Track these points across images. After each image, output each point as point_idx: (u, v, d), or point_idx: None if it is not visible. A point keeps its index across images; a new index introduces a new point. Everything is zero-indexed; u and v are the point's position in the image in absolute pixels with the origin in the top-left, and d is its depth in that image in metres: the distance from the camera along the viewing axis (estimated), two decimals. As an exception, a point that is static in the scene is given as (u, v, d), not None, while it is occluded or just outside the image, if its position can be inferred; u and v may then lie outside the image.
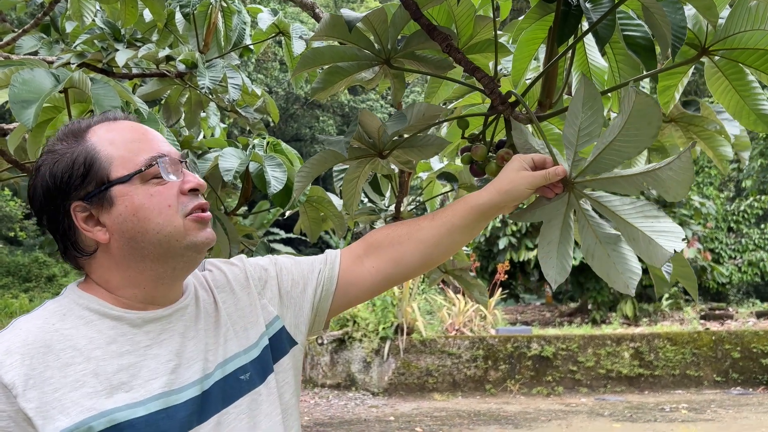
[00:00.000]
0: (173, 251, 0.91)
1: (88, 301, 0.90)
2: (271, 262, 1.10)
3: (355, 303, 1.14)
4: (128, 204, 0.89)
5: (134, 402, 0.85)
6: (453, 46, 1.02)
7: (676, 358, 8.36)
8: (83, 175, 0.89)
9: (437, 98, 1.31)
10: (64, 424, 0.80)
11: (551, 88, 1.00)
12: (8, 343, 0.84)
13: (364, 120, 1.12)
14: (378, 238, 1.12)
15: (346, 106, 18.91)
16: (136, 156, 0.91)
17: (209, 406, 0.91)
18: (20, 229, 14.00)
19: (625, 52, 1.03)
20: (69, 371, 0.83)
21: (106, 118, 0.95)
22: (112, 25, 2.31)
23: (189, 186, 0.92)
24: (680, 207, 10.45)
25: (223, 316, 1.00)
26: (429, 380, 8.30)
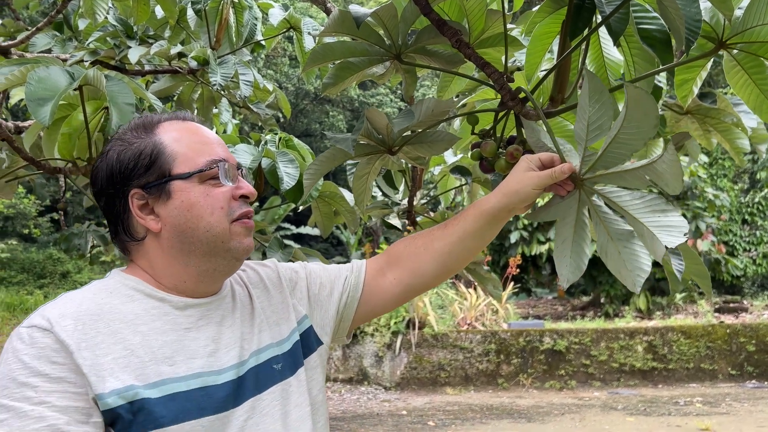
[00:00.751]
0: (217, 251, 0.96)
1: (134, 283, 0.96)
2: (301, 266, 1.17)
3: (378, 313, 1.19)
4: (184, 199, 0.95)
5: (177, 377, 0.90)
6: (463, 41, 1.02)
7: (690, 352, 8.31)
8: (147, 166, 0.95)
9: (450, 92, 1.30)
10: (114, 385, 0.85)
11: (563, 83, 0.99)
12: (60, 308, 0.88)
13: (371, 117, 1.12)
14: (398, 251, 1.17)
15: (356, 101, 18.89)
16: (198, 156, 0.97)
17: (244, 390, 0.95)
18: (35, 226, 14.13)
19: (640, 46, 1.02)
20: (118, 339, 0.88)
21: (176, 116, 1.02)
22: (124, 22, 2.33)
23: (241, 192, 0.98)
24: (694, 199, 10.36)
25: (257, 309, 1.05)
26: (441, 374, 8.30)
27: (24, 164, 1.78)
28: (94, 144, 1.73)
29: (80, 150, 1.78)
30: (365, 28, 1.07)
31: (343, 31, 1.06)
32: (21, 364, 0.82)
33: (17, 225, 13.77)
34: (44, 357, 0.83)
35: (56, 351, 0.83)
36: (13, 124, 2.16)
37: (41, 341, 0.83)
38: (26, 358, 0.82)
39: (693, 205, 10.32)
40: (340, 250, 17.60)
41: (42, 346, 0.83)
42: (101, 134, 1.76)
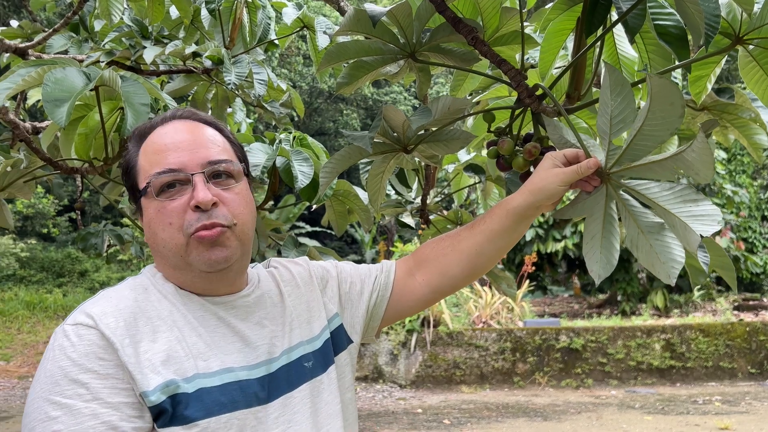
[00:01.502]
0: (181, 265, 0.94)
1: (164, 281, 0.96)
2: (332, 265, 1.17)
3: (407, 314, 1.19)
4: (146, 216, 0.95)
5: (210, 372, 0.90)
6: (479, 38, 1.01)
7: (708, 350, 8.22)
8: (128, 181, 0.98)
9: (463, 91, 1.29)
10: (156, 381, 0.85)
11: (579, 81, 0.98)
12: (101, 306, 0.89)
13: (388, 115, 1.12)
14: (425, 252, 1.17)
15: (370, 99, 18.88)
16: (151, 168, 0.94)
17: (275, 387, 0.96)
18: (53, 225, 14.32)
19: (656, 42, 1.01)
20: (156, 336, 0.89)
21: (162, 119, 0.99)
22: (139, 22, 2.34)
23: (192, 203, 0.91)
24: (712, 196, 10.24)
25: (288, 307, 1.05)
26: (456, 373, 8.29)
27: (42, 164, 1.80)
28: (110, 144, 1.74)
29: (96, 150, 1.79)
30: (380, 27, 1.06)
31: (359, 30, 1.06)
32: (70, 361, 0.82)
33: (36, 224, 13.95)
34: (92, 353, 0.83)
35: (102, 348, 0.83)
36: (30, 125, 2.18)
37: (87, 338, 0.83)
38: (74, 355, 0.82)
39: (711, 201, 10.20)
40: (354, 248, 17.63)
41: (89, 342, 0.83)
42: (117, 134, 1.77)
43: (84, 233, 2.53)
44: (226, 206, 0.93)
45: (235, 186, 0.96)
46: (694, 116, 1.79)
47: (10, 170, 1.78)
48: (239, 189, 0.97)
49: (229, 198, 0.94)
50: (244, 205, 0.97)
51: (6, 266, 12.38)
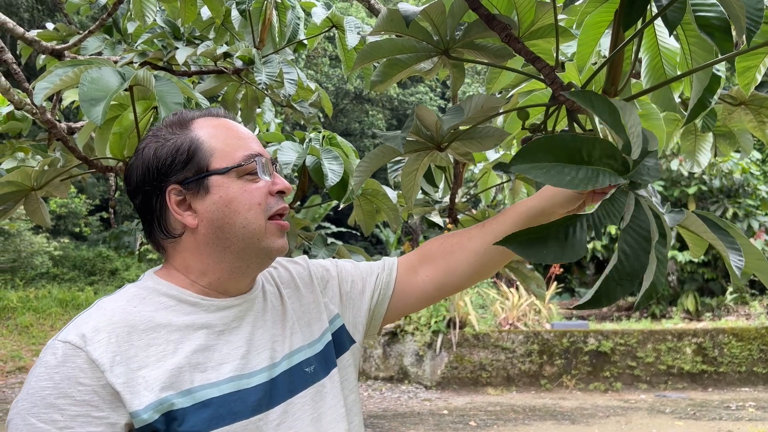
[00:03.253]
0: (251, 248, 0.95)
1: (166, 288, 0.95)
2: (332, 264, 1.15)
3: (409, 311, 1.17)
4: (223, 194, 0.94)
5: (209, 383, 0.89)
6: (512, 35, 1.00)
7: (742, 355, 8.03)
8: (185, 162, 0.94)
9: (499, 84, 1.28)
10: (149, 399, 0.83)
11: (617, 75, 0.96)
12: (95, 321, 0.87)
13: (421, 114, 1.12)
14: (431, 249, 1.15)
15: (395, 100, 18.90)
16: (234, 151, 0.96)
17: (277, 393, 0.94)
18: (85, 225, 14.62)
19: (697, 35, 0.98)
20: (151, 351, 0.87)
21: (209, 113, 1.01)
22: (171, 23, 2.38)
23: (277, 188, 0.97)
24: (746, 197, 10.01)
25: (288, 310, 1.04)
26: (482, 374, 8.23)
27: (77, 163, 1.83)
28: (144, 143, 1.77)
29: (130, 149, 1.82)
30: (413, 25, 1.06)
31: (393, 30, 1.06)
32: (51, 383, 0.81)
33: (69, 224, 14.25)
34: (73, 378, 0.81)
35: (84, 371, 0.82)
36: (66, 125, 2.23)
37: (72, 360, 0.82)
38: (57, 377, 0.82)
39: (745, 203, 9.97)
40: (379, 248, 17.65)
41: (72, 366, 0.82)
42: (150, 133, 1.80)
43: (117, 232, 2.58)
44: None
45: None
46: (731, 112, 1.75)
47: (48, 169, 1.82)
48: None
49: None
50: None
51: (40, 264, 12.68)
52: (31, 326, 10.61)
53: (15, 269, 12.48)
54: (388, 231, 16.41)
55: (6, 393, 8.39)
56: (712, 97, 1.02)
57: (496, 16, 1.02)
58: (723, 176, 9.93)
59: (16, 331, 10.44)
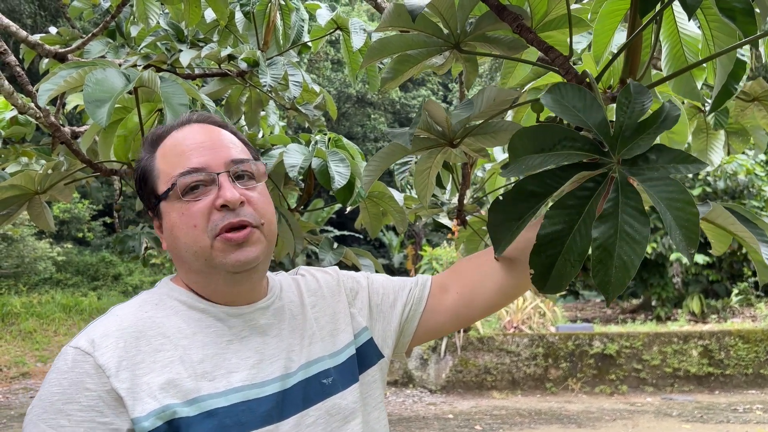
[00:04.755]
0: (206, 268, 0.91)
1: (178, 294, 0.93)
2: (363, 276, 1.12)
3: (440, 332, 1.12)
4: (167, 221, 0.92)
5: (216, 392, 0.86)
6: (524, 26, 0.98)
7: (748, 357, 7.98)
8: (144, 187, 0.95)
9: (515, 78, 1.25)
10: (151, 406, 0.82)
11: (635, 64, 0.93)
12: (104, 327, 0.87)
13: (430, 109, 1.09)
14: (461, 265, 1.12)
15: (397, 103, 18.92)
16: (173, 170, 0.91)
17: (290, 404, 0.91)
18: (88, 230, 14.63)
19: (719, 18, 0.95)
20: (158, 357, 0.86)
21: (180, 122, 0.97)
22: (175, 26, 2.36)
23: (218, 202, 0.89)
24: (751, 198, 9.97)
25: (309, 319, 1.01)
26: (487, 378, 8.20)
27: (81, 167, 1.82)
28: (149, 146, 1.75)
29: (135, 152, 1.80)
30: (422, 20, 1.03)
31: (400, 25, 1.03)
32: (60, 389, 0.82)
33: (72, 229, 14.27)
34: (80, 383, 0.82)
35: (91, 377, 0.82)
36: (70, 130, 2.21)
37: (81, 366, 0.83)
38: (65, 383, 0.82)
39: (750, 204, 9.93)
40: (382, 252, 17.63)
41: (80, 371, 0.82)
42: (155, 136, 1.78)
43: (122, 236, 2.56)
44: (252, 206, 0.91)
45: (257, 186, 0.94)
46: (744, 108, 1.72)
47: (51, 173, 1.80)
48: (261, 189, 0.95)
49: (255, 197, 0.92)
50: (269, 204, 0.95)
51: (43, 270, 12.68)
52: (34, 332, 10.60)
53: (18, 275, 12.48)
54: (391, 234, 16.40)
55: (9, 399, 8.37)
56: (737, 84, 0.99)
57: (507, 6, 1.00)
58: (727, 177, 9.90)
59: (19, 336, 10.43)
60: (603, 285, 0.80)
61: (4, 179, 1.91)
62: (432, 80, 19.60)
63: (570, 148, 0.84)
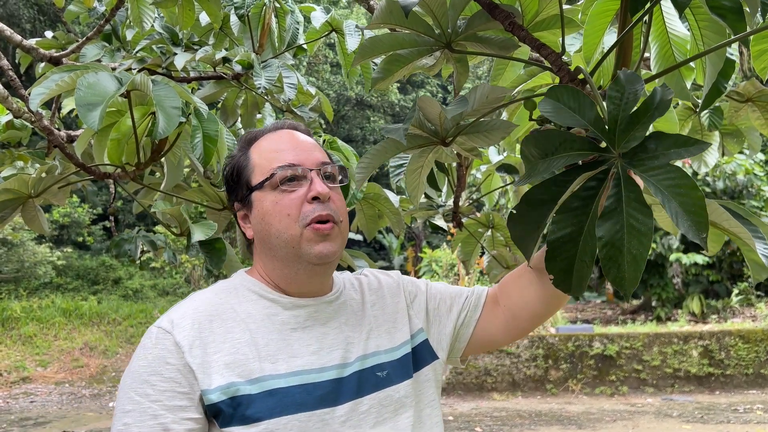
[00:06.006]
0: (290, 257, 1.00)
1: (251, 284, 1.03)
2: (423, 282, 1.20)
3: (493, 344, 1.18)
4: (260, 209, 1.02)
5: (277, 374, 0.95)
6: (516, 24, 0.98)
7: (749, 357, 7.97)
8: (237, 179, 1.05)
9: (504, 79, 1.25)
10: (218, 382, 0.92)
11: (626, 62, 0.93)
12: (184, 309, 0.99)
13: (423, 106, 1.09)
14: (506, 279, 1.18)
15: (397, 106, 18.92)
16: (269, 164, 1.02)
17: (345, 392, 0.98)
18: (88, 234, 14.62)
19: (708, 17, 0.95)
20: (228, 338, 0.96)
21: (274, 127, 1.09)
22: (170, 29, 2.36)
23: (311, 194, 1.00)
24: (750, 198, 9.96)
25: (368, 315, 1.08)
26: (487, 380, 8.19)
27: (75, 170, 1.81)
28: (142, 149, 1.75)
29: (129, 155, 1.80)
30: (413, 18, 1.04)
31: (392, 22, 1.03)
32: (146, 362, 0.93)
33: (72, 233, 14.26)
34: (162, 358, 0.93)
35: (171, 352, 0.93)
36: (65, 133, 2.21)
37: (162, 342, 0.94)
38: (150, 357, 0.93)
39: (749, 204, 9.93)
40: (382, 254, 17.62)
41: (162, 347, 0.93)
42: (149, 139, 1.77)
43: (118, 240, 2.55)
44: (334, 204, 1.02)
45: (337, 187, 1.06)
46: (738, 109, 1.72)
47: (45, 176, 1.80)
48: (339, 192, 1.06)
49: (336, 197, 1.03)
50: (345, 206, 1.06)
51: (43, 274, 12.67)
52: (34, 336, 10.59)
53: (18, 279, 12.47)
54: (391, 236, 16.39)
55: (10, 404, 8.36)
56: (726, 82, 0.99)
57: (498, 5, 1.00)
58: (726, 177, 9.89)
59: (20, 341, 10.42)
60: (618, 282, 0.79)
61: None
62: (431, 82, 19.62)
63: (570, 149, 0.85)
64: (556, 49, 0.98)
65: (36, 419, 7.48)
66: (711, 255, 1.17)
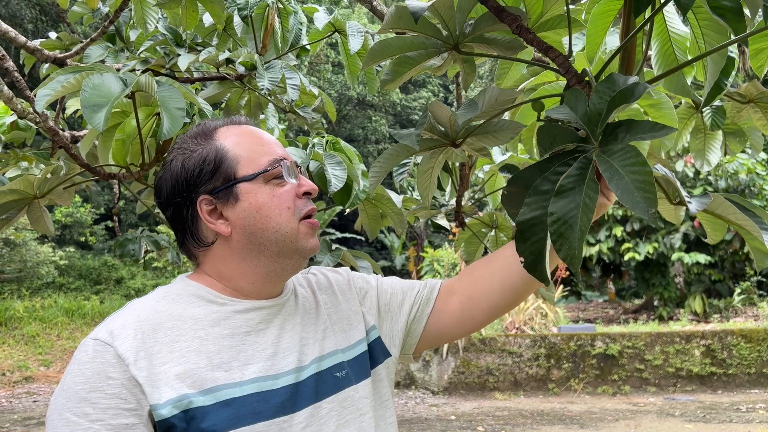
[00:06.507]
0: (286, 251, 0.97)
1: (196, 289, 0.97)
2: (374, 277, 1.16)
3: (447, 336, 1.15)
4: (252, 201, 0.96)
5: (232, 382, 0.89)
6: (524, 26, 0.98)
7: (751, 356, 7.97)
8: (212, 171, 0.96)
9: (509, 79, 1.26)
10: (168, 395, 0.85)
11: (630, 63, 0.94)
12: (123, 319, 0.91)
13: (434, 110, 1.10)
14: (466, 270, 1.16)
15: (398, 105, 18.93)
16: (260, 157, 0.97)
17: (303, 396, 0.94)
18: (90, 234, 14.65)
19: (709, 17, 0.96)
20: (175, 347, 0.89)
21: (231, 121, 1.03)
22: (173, 30, 2.37)
23: (303, 189, 0.99)
24: (752, 197, 9.96)
25: (323, 314, 1.05)
26: (490, 379, 8.19)
27: (80, 171, 1.82)
28: (147, 150, 1.76)
29: (133, 156, 1.81)
30: (422, 21, 1.05)
31: (401, 27, 1.05)
32: (83, 378, 0.85)
33: (74, 233, 14.29)
34: (102, 372, 0.85)
35: (113, 366, 0.85)
36: (69, 134, 2.22)
37: (102, 356, 0.86)
38: (88, 372, 0.85)
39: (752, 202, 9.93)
40: (384, 254, 17.63)
41: (102, 361, 0.85)
42: (153, 140, 1.79)
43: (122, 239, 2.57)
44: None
45: None
46: (740, 109, 1.72)
47: (50, 177, 1.81)
48: None
49: None
50: None
51: (46, 274, 12.70)
52: (37, 336, 10.61)
53: (21, 279, 12.50)
54: (393, 236, 16.40)
55: (13, 403, 8.38)
56: (727, 80, 1.00)
57: (505, 8, 1.01)
58: (728, 177, 9.89)
59: (22, 341, 10.44)
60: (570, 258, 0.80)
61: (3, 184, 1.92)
62: (433, 82, 19.62)
63: (561, 142, 0.89)
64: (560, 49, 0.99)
65: (39, 418, 7.50)
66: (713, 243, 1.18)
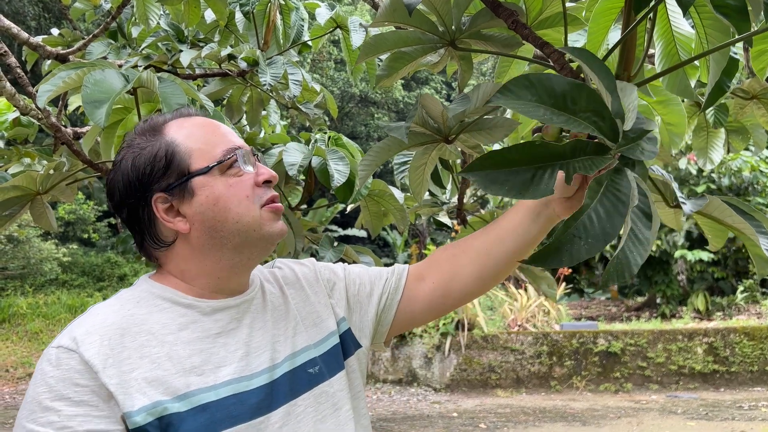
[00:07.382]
0: (250, 240, 0.93)
1: (161, 291, 0.93)
2: (341, 267, 1.13)
3: (418, 321, 1.13)
4: (209, 194, 0.91)
5: (206, 386, 0.86)
6: (519, 22, 0.98)
7: (754, 354, 7.95)
8: (164, 168, 0.92)
9: (509, 76, 1.25)
10: (142, 402, 0.82)
11: (629, 60, 0.93)
12: (87, 325, 0.86)
13: (426, 104, 1.09)
14: (438, 255, 1.12)
15: (401, 102, 18.91)
16: (213, 148, 0.93)
17: (278, 395, 0.92)
18: (93, 231, 14.67)
19: (713, 16, 0.95)
20: (144, 353, 0.85)
21: (180, 114, 0.98)
22: (175, 27, 2.37)
23: (263, 177, 0.95)
24: (755, 195, 9.93)
25: (292, 310, 1.02)
26: (492, 376, 8.19)
27: (82, 167, 1.83)
28: (149, 146, 1.76)
29: (135, 152, 1.81)
30: (417, 16, 1.04)
31: (396, 20, 1.04)
32: (46, 387, 0.81)
33: (77, 230, 14.31)
34: (68, 379, 0.81)
35: (80, 372, 0.81)
36: (72, 130, 2.22)
37: (66, 363, 0.82)
38: (51, 381, 0.81)
39: (754, 200, 9.89)
40: (386, 251, 17.63)
41: (67, 368, 0.81)
42: (155, 136, 1.79)
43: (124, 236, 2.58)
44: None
45: None
46: (743, 106, 1.72)
47: (53, 173, 1.81)
48: None
49: None
50: None
51: (49, 270, 12.72)
52: (40, 332, 10.64)
53: (24, 276, 12.53)
54: (395, 233, 16.40)
55: (16, 399, 8.42)
56: (729, 81, 0.99)
57: (502, 3, 1.00)
58: (732, 174, 9.86)
59: (26, 337, 10.48)
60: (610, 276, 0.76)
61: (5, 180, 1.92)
62: (435, 79, 19.59)
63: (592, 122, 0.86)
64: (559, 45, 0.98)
65: (42, 415, 7.53)
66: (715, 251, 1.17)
